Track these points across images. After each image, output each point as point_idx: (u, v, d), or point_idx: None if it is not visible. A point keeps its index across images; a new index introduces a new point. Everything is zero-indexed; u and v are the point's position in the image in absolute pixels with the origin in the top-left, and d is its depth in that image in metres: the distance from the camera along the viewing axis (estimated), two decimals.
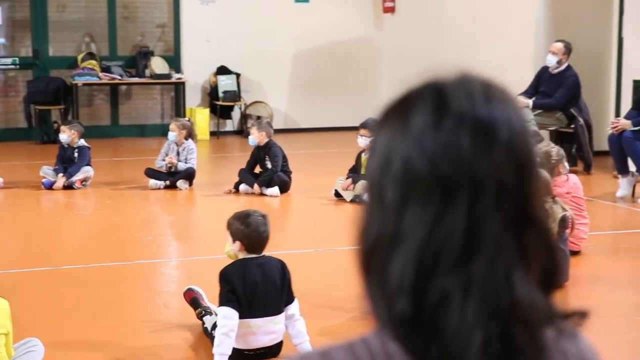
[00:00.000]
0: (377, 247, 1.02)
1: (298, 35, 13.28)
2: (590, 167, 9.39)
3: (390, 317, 0.99)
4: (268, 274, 3.89)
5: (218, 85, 12.86)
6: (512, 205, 0.99)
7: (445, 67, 1.05)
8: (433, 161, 0.98)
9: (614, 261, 5.94)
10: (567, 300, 5.04)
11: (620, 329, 4.53)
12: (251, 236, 3.90)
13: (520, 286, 0.98)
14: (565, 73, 9.31)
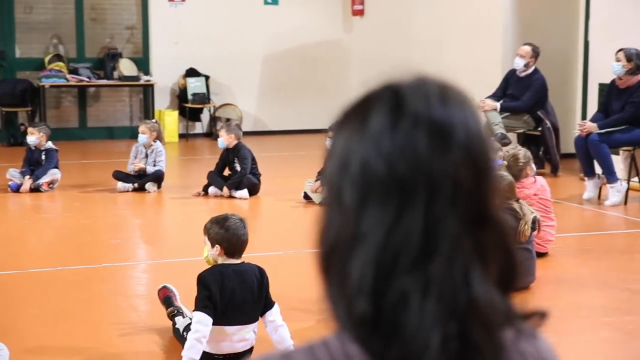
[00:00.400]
0: (336, 249, 1.02)
1: (267, 38, 13.27)
2: (557, 169, 9.47)
3: (350, 319, 1.00)
4: (246, 282, 3.87)
5: (187, 88, 12.82)
6: (469, 205, 0.99)
7: (403, 70, 1.05)
8: (390, 163, 0.98)
9: (580, 262, 6.00)
10: (533, 301, 5.08)
11: (587, 330, 4.57)
12: (231, 240, 3.87)
13: (478, 286, 0.99)
14: (532, 76, 9.38)
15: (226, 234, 3.86)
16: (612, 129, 7.95)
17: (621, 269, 5.76)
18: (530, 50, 9.37)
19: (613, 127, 7.95)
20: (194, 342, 3.78)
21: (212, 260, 3.95)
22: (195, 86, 12.85)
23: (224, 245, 3.87)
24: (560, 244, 6.29)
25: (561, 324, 4.73)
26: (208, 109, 13.08)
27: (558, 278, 5.55)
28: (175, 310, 4.33)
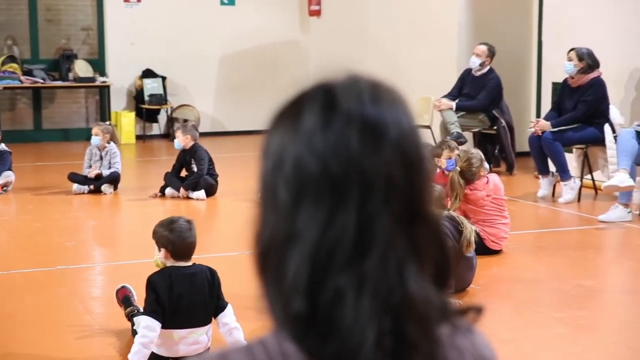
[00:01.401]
0: (272, 248, 1.02)
1: (224, 38, 13.24)
2: (513, 167, 9.56)
3: (286, 317, 1.00)
4: (196, 286, 3.85)
5: (144, 89, 12.75)
6: (402, 202, 1.00)
7: (336, 69, 1.06)
8: (323, 161, 0.99)
9: (534, 259, 6.07)
10: (487, 298, 5.13)
11: (539, 326, 4.62)
12: (176, 242, 3.85)
13: (412, 282, 1.00)
14: (487, 75, 9.47)
15: (171, 236, 3.83)
16: (565, 127, 8.05)
17: (574, 265, 5.83)
18: (486, 49, 9.45)
19: (566, 125, 8.05)
20: (140, 347, 3.77)
21: (160, 263, 3.93)
22: (152, 87, 12.78)
23: (169, 248, 3.85)
24: (515, 241, 6.35)
25: (515, 320, 4.78)
26: (165, 110, 13.01)
27: (512, 275, 5.61)
28: (134, 310, 4.31)
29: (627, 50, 8.27)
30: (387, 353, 0.97)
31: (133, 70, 12.83)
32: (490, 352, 1.13)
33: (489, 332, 3.74)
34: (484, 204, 5.96)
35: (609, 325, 4.72)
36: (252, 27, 13.32)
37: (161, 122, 13.15)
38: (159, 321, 3.76)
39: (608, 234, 6.94)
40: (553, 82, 9.09)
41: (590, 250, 6.32)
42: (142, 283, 3.92)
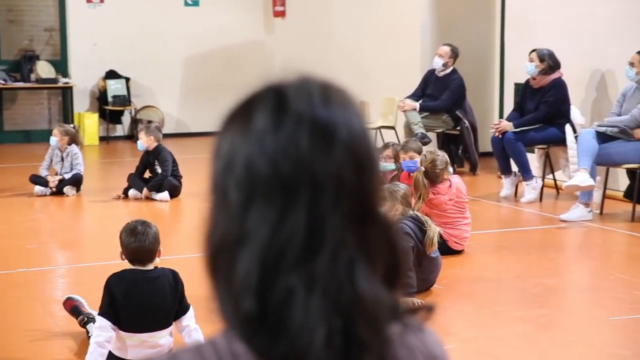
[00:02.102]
0: (222, 248, 1.03)
1: (188, 39, 13.19)
2: (476, 168, 9.63)
3: (237, 317, 1.00)
4: (157, 290, 3.83)
5: (107, 90, 12.67)
6: (353, 203, 1.01)
7: (286, 70, 1.07)
8: (274, 162, 0.99)
9: (496, 259, 6.11)
10: (450, 298, 5.17)
11: (500, 325, 4.66)
12: (131, 248, 3.83)
13: (362, 282, 1.00)
14: (450, 76, 9.52)
15: (127, 240, 3.82)
16: (527, 127, 8.12)
17: (535, 264, 5.89)
18: (449, 50, 9.51)
19: (528, 126, 8.12)
20: (95, 347, 3.77)
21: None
22: (116, 88, 12.71)
23: (126, 252, 3.85)
24: (478, 241, 6.40)
25: (477, 319, 4.82)
26: (129, 111, 12.94)
27: (474, 274, 5.65)
28: (85, 318, 4.30)
29: (588, 51, 8.36)
30: (337, 352, 0.98)
31: (96, 72, 12.75)
32: (440, 350, 1.14)
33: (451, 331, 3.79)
34: (446, 208, 5.99)
35: (569, 323, 4.77)
36: (216, 28, 13.29)
37: (125, 123, 13.07)
38: (111, 322, 3.76)
39: (569, 233, 7.02)
40: (515, 83, 9.17)
41: (552, 250, 6.38)
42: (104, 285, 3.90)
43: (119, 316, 3.78)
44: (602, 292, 5.31)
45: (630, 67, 7.22)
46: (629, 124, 7.20)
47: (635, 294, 5.14)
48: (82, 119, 12.38)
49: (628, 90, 7.42)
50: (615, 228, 6.99)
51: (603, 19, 8.20)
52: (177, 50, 13.16)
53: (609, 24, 8.13)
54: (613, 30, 8.09)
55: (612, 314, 4.79)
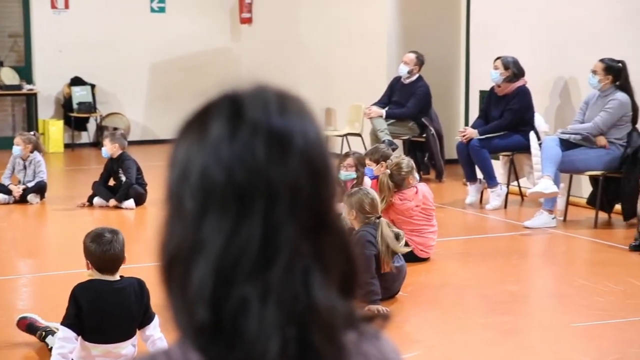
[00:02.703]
0: (177, 258, 1.02)
1: (154, 46, 13.14)
2: (442, 175, 9.67)
3: (191, 327, 1.00)
4: (123, 301, 3.79)
5: (72, 97, 12.57)
6: (309, 212, 1.01)
7: (243, 79, 1.07)
8: (229, 170, 0.99)
9: (461, 266, 6.14)
10: (414, 305, 5.18)
11: (464, 331, 4.68)
12: (99, 256, 3.79)
13: (318, 290, 1.00)
14: (416, 84, 9.57)
15: (94, 249, 3.77)
16: (492, 134, 8.18)
17: (500, 271, 5.93)
18: (415, 57, 9.55)
19: (492, 133, 8.18)
20: (59, 358, 3.72)
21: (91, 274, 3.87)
22: (81, 95, 12.61)
23: (92, 260, 3.80)
24: (443, 248, 6.43)
25: (441, 325, 4.84)
26: (94, 118, 12.85)
27: (440, 281, 5.67)
28: (43, 332, 4.26)
29: (552, 59, 8.45)
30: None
31: (61, 78, 12.64)
32: (397, 358, 1.15)
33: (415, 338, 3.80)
34: (412, 214, 6.01)
35: (532, 329, 4.81)
36: (183, 35, 13.24)
37: (90, 130, 12.98)
38: (76, 332, 3.72)
39: (533, 240, 7.07)
40: (480, 91, 9.24)
41: (516, 256, 6.42)
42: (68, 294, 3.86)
43: (84, 326, 3.74)
44: (565, 298, 5.36)
45: (593, 75, 7.30)
46: (591, 131, 7.28)
47: (597, 300, 5.18)
48: (47, 126, 12.27)
49: (591, 98, 7.50)
50: (578, 235, 7.05)
51: (566, 27, 8.28)
52: (143, 56, 13.09)
53: (572, 31, 8.22)
54: (576, 38, 8.17)
55: (574, 321, 4.84)
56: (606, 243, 6.69)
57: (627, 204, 7.01)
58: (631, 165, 7.06)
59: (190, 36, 13.28)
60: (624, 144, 7.23)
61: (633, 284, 5.52)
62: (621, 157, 7.20)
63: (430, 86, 9.59)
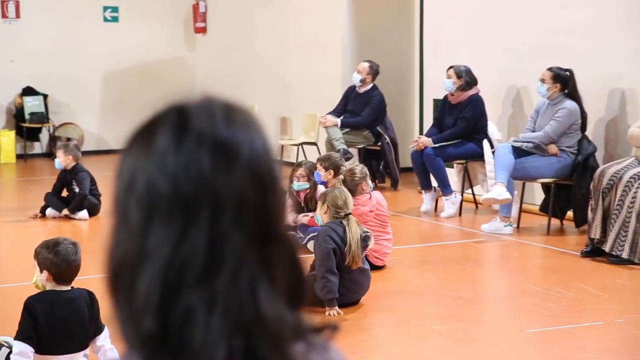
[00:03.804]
0: (123, 268, 1.02)
1: (108, 55, 13.05)
2: (397, 183, 9.72)
3: (137, 337, 1.00)
4: (77, 311, 3.75)
5: (24, 107, 12.43)
6: (255, 222, 1.01)
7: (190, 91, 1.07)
8: (175, 181, 0.99)
9: (416, 273, 6.17)
10: (370, 313, 5.20)
11: (421, 338, 4.70)
12: (60, 266, 3.74)
13: (265, 301, 1.00)
14: (371, 93, 9.62)
15: (55, 259, 3.72)
16: (446, 143, 8.24)
17: (454, 278, 5.97)
18: (368, 67, 9.61)
19: (446, 141, 8.25)
20: None
21: (41, 285, 3.82)
22: (33, 105, 12.48)
23: (53, 270, 3.74)
24: (399, 256, 6.46)
25: (397, 333, 4.86)
26: (47, 129, 12.72)
27: (395, 289, 5.69)
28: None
29: (504, 67, 8.54)
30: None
31: (13, 88, 12.50)
32: None
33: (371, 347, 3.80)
34: (367, 220, 6.04)
35: (485, 336, 4.85)
36: (136, 44, 13.17)
37: (43, 140, 12.84)
38: (32, 347, 3.67)
39: (487, 247, 7.14)
40: (434, 99, 9.31)
41: (470, 263, 6.47)
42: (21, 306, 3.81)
43: (39, 339, 3.69)
44: (518, 304, 5.41)
45: (541, 83, 7.39)
46: (542, 140, 7.37)
47: (549, 306, 5.24)
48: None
49: (541, 107, 7.59)
50: (531, 241, 7.13)
51: (518, 36, 8.39)
52: (96, 66, 13.00)
53: (523, 40, 8.32)
54: (527, 46, 8.28)
55: (527, 327, 4.88)
56: (558, 249, 6.78)
57: (578, 211, 7.11)
58: (582, 172, 7.16)
59: (144, 45, 13.22)
60: (574, 152, 7.33)
61: (584, 289, 5.60)
62: (572, 164, 7.30)
63: (385, 95, 9.65)
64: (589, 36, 7.70)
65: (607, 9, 7.59)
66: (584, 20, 7.75)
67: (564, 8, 7.95)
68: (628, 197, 6.21)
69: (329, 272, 4.96)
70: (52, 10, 12.75)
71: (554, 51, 7.89)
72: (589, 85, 7.48)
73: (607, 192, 6.36)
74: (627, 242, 6.19)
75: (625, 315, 5.03)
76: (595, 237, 6.39)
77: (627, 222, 6.20)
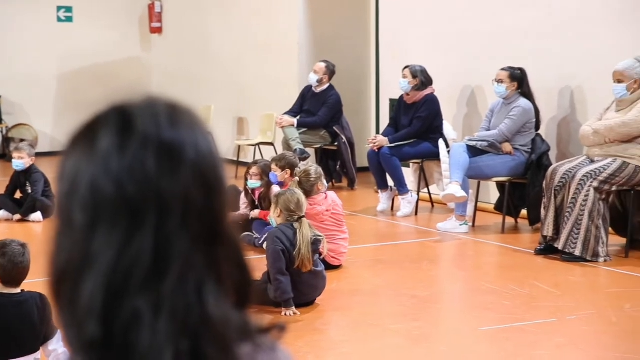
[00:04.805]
0: (67, 272, 1.01)
1: (62, 55, 12.92)
2: (354, 183, 9.75)
3: (82, 342, 0.99)
4: (25, 315, 3.70)
5: None
6: (201, 223, 1.01)
7: (132, 91, 1.06)
8: (119, 183, 0.98)
9: (373, 273, 6.19)
10: (327, 313, 5.21)
11: (375, 338, 4.72)
12: (7, 267, 3.69)
13: (211, 303, 1.00)
14: (327, 92, 9.63)
15: (1, 260, 3.68)
16: (402, 142, 8.28)
17: (410, 277, 6.00)
18: (324, 67, 9.62)
19: (402, 141, 8.29)
20: None
21: None
22: None
23: (2, 272, 3.71)
24: (355, 255, 6.47)
25: (353, 333, 4.87)
26: (0, 130, 12.55)
27: (352, 288, 5.71)
28: None
29: (459, 68, 8.60)
30: None
31: None
32: None
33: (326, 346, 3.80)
34: (323, 219, 6.05)
35: (441, 335, 4.88)
36: (91, 44, 13.05)
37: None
38: None
39: (443, 246, 7.18)
40: (390, 99, 9.35)
41: (426, 262, 6.51)
42: None
43: None
44: (473, 303, 5.46)
45: (498, 84, 7.46)
46: (497, 138, 7.44)
47: (504, 304, 5.29)
48: None
49: (495, 106, 7.67)
50: (486, 240, 7.19)
51: (472, 36, 8.45)
52: (50, 66, 12.85)
53: (477, 41, 8.39)
54: (481, 46, 8.35)
55: (482, 325, 4.93)
56: (513, 248, 6.85)
57: (532, 209, 7.18)
58: (536, 171, 7.24)
59: (99, 46, 13.10)
60: (528, 150, 7.41)
61: (538, 287, 5.66)
62: (526, 163, 7.38)
63: (341, 95, 9.68)
64: (540, 36, 7.79)
65: (558, 9, 7.68)
66: (536, 21, 7.84)
67: (516, 9, 8.03)
68: (581, 195, 6.29)
69: (280, 273, 4.99)
70: (5, 10, 12.58)
71: (507, 51, 7.96)
72: (542, 85, 7.57)
73: (559, 190, 6.44)
74: (580, 240, 6.28)
75: (577, 312, 5.10)
76: (547, 235, 6.46)
77: (579, 220, 6.28)
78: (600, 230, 6.28)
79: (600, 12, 7.35)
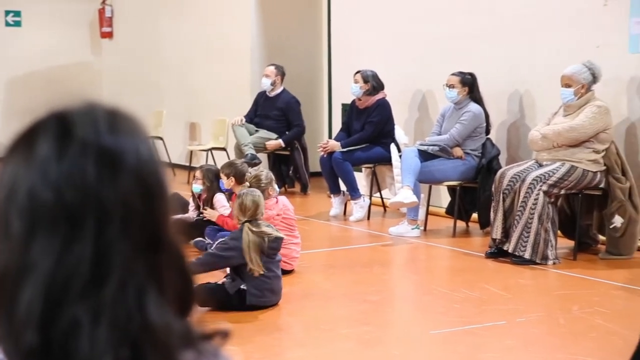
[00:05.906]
0: (4, 281, 1.00)
1: (10, 61, 12.74)
2: (307, 187, 9.76)
3: (19, 352, 0.98)
4: None
5: None
6: (142, 230, 1.00)
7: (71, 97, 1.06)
8: (58, 190, 0.98)
9: (325, 277, 6.20)
10: (280, 318, 5.20)
11: (327, 342, 4.72)
12: None
13: (153, 310, 0.99)
14: (280, 96, 9.63)
15: None
16: (354, 147, 8.31)
17: (362, 281, 6.02)
18: (274, 69, 9.62)
19: (355, 145, 8.32)
20: None
21: None
22: None
23: None
24: (307, 260, 6.48)
25: (305, 337, 4.88)
26: None
27: (304, 293, 5.71)
28: None
29: (409, 72, 8.66)
30: None
31: None
32: None
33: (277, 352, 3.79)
34: (275, 223, 6.04)
35: (392, 338, 4.90)
36: (40, 49, 12.90)
37: None
38: None
39: (395, 250, 7.22)
40: (342, 104, 9.38)
41: (378, 267, 6.54)
42: None
43: None
44: (425, 306, 5.49)
45: (450, 89, 7.52)
46: (448, 143, 7.50)
47: (454, 307, 5.33)
48: None
49: (446, 111, 7.73)
50: (438, 243, 7.24)
51: (422, 41, 8.52)
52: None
53: (428, 45, 8.45)
54: (432, 51, 8.41)
55: (433, 328, 4.96)
56: (464, 251, 6.90)
57: (482, 213, 7.25)
58: (486, 175, 7.31)
59: (49, 50, 12.95)
60: (479, 155, 7.48)
61: (488, 290, 5.71)
62: (477, 167, 7.45)
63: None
64: (490, 41, 7.87)
65: (508, 16, 7.77)
66: (486, 26, 7.92)
67: (466, 14, 8.11)
68: (530, 199, 6.37)
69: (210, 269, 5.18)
70: None
71: (457, 56, 8.03)
72: (491, 89, 7.65)
73: (508, 193, 6.51)
74: (529, 243, 6.35)
75: (527, 315, 5.16)
76: (496, 237, 6.53)
77: (529, 223, 6.36)
78: (549, 234, 6.37)
79: (548, 18, 7.45)
